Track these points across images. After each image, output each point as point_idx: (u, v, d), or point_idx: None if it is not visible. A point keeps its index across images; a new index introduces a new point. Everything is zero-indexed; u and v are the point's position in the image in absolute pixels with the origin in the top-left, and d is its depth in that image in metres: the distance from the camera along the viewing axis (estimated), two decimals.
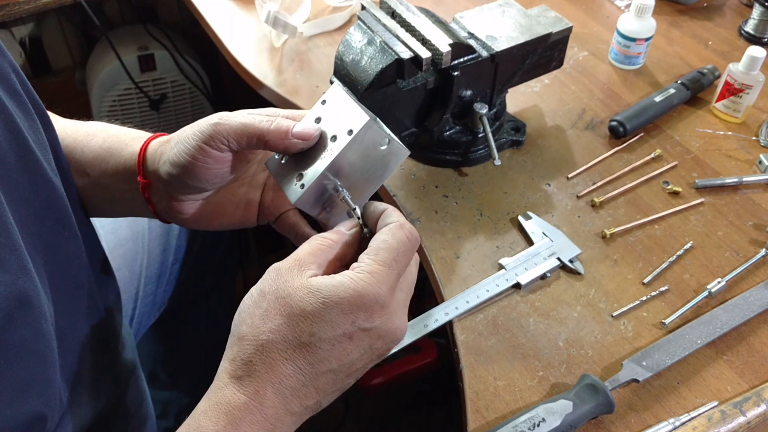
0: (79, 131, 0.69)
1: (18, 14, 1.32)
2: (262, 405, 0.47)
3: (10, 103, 0.53)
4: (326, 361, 0.48)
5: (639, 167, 0.89)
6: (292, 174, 0.56)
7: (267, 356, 0.48)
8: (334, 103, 0.56)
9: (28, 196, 0.53)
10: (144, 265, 0.99)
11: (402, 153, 0.57)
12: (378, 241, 0.51)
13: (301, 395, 0.49)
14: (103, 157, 0.66)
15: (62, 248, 0.57)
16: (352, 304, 0.48)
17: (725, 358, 0.70)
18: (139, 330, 1.00)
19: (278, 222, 0.67)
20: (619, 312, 0.73)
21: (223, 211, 0.66)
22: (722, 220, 0.83)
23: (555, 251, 0.78)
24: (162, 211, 0.65)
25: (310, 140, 0.55)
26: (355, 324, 0.48)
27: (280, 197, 0.67)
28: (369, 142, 0.54)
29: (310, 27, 1.10)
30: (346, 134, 0.54)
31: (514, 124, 0.93)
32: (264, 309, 0.49)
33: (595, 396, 0.63)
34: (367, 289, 0.48)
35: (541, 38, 0.85)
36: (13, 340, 0.47)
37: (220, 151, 0.57)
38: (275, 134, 0.55)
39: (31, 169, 0.54)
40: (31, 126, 0.56)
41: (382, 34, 0.76)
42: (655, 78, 1.03)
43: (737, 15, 1.17)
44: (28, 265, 0.49)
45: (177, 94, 1.64)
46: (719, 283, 0.75)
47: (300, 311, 0.48)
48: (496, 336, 0.71)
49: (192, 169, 0.58)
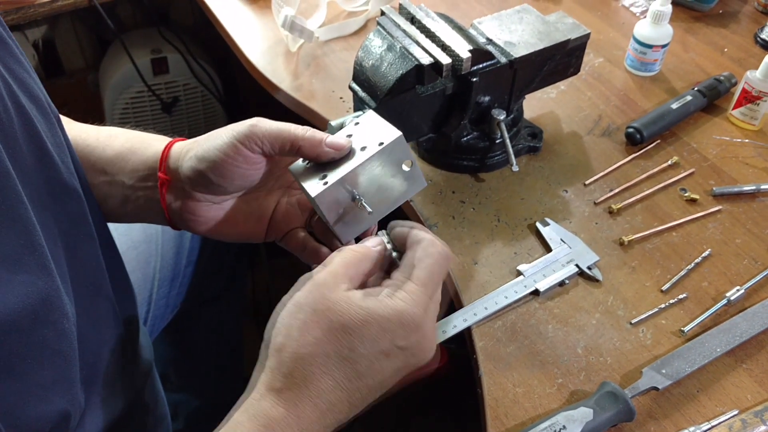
0: (101, 133, 0.70)
1: (33, 17, 1.32)
2: (300, 418, 0.48)
3: (29, 105, 0.54)
4: (364, 377, 0.49)
5: (656, 174, 0.89)
6: (315, 175, 0.58)
7: (307, 369, 0.48)
8: (367, 124, 0.59)
9: (46, 198, 0.53)
10: (158, 268, 0.99)
11: (421, 181, 0.60)
12: (413, 258, 0.52)
13: (336, 410, 0.49)
14: (124, 156, 0.67)
15: (79, 250, 0.58)
16: (391, 322, 0.49)
17: (745, 366, 0.69)
18: (152, 333, 1.00)
19: (285, 239, 0.68)
20: (637, 319, 0.73)
21: (235, 220, 0.67)
22: (740, 228, 0.83)
23: (573, 258, 0.77)
24: (175, 212, 0.65)
25: (342, 150, 0.57)
26: (393, 342, 0.49)
27: (291, 213, 0.68)
28: (395, 158, 0.57)
29: (325, 31, 1.10)
30: (376, 145, 0.56)
31: (531, 130, 0.93)
32: (302, 321, 0.49)
33: (615, 403, 0.63)
34: (406, 308, 0.49)
35: (560, 45, 0.85)
36: (37, 339, 0.47)
37: (252, 152, 0.58)
38: (309, 141, 0.57)
39: (49, 171, 0.54)
40: (49, 129, 0.56)
41: (401, 39, 0.76)
42: (671, 85, 1.03)
43: (753, 22, 1.16)
44: (50, 266, 0.49)
45: (189, 98, 1.65)
46: (738, 291, 0.75)
47: (340, 325, 0.49)
48: (514, 343, 0.71)
49: (221, 165, 0.59)
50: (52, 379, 0.49)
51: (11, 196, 0.46)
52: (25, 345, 0.46)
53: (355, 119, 0.61)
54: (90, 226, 0.60)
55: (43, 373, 0.48)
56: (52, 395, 0.49)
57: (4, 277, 0.44)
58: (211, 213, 0.65)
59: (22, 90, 0.54)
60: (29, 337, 0.46)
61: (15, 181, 0.47)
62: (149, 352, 0.82)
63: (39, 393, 0.48)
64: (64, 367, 0.51)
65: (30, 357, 0.47)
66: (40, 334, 0.47)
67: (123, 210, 0.69)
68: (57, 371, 0.50)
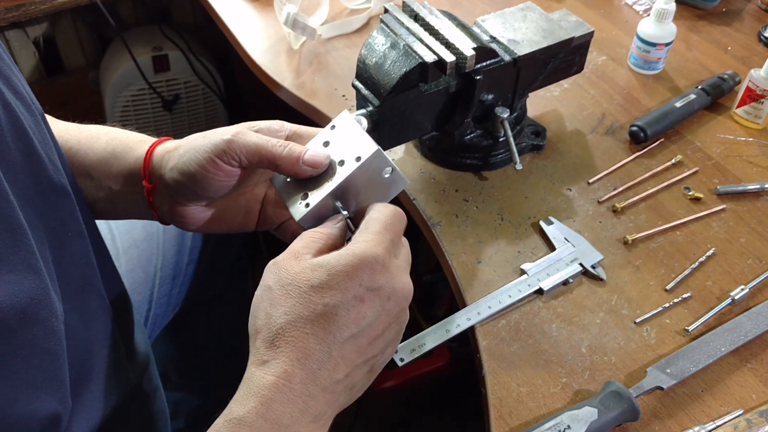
0: (81, 133, 0.69)
1: (34, 14, 1.32)
2: (291, 382, 0.48)
3: (15, 102, 0.53)
4: (345, 327, 0.50)
5: (660, 173, 0.89)
6: (297, 193, 0.58)
7: (287, 336, 0.49)
8: (343, 129, 0.59)
9: (34, 196, 0.53)
10: (159, 266, 0.99)
11: (402, 182, 0.60)
12: (366, 218, 0.54)
13: (329, 366, 0.49)
14: (107, 160, 0.67)
15: (69, 248, 0.58)
16: (354, 267, 0.50)
17: (749, 366, 0.69)
18: (153, 331, 1.00)
19: (279, 230, 0.69)
20: (641, 318, 0.73)
21: (224, 216, 0.67)
22: (744, 227, 0.82)
23: (577, 257, 0.77)
24: (164, 214, 0.66)
25: (319, 168, 0.57)
26: (362, 285, 0.50)
27: (281, 208, 0.68)
28: (374, 170, 0.57)
29: (328, 29, 1.10)
30: (354, 161, 0.56)
31: (534, 128, 0.92)
32: (272, 299, 0.51)
33: (620, 403, 0.63)
34: (365, 251, 0.50)
35: (564, 43, 0.84)
36: (26, 338, 0.47)
37: (230, 165, 0.59)
38: (287, 160, 0.57)
39: (37, 169, 0.54)
40: (35, 126, 0.56)
41: (405, 37, 0.76)
42: (674, 83, 1.03)
43: (756, 20, 1.16)
44: (38, 265, 0.49)
45: (190, 95, 1.65)
46: (742, 290, 0.74)
47: (308, 287, 0.50)
48: (518, 342, 0.70)
49: (200, 179, 0.59)
50: (42, 378, 0.49)
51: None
52: (14, 344, 0.46)
53: (331, 123, 0.60)
54: (79, 223, 0.60)
55: (32, 373, 0.48)
56: (42, 394, 0.49)
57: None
58: (200, 214, 0.66)
59: (7, 86, 0.54)
60: (18, 336, 0.46)
61: (1, 180, 0.46)
62: (145, 347, 0.82)
63: (29, 392, 0.47)
64: (53, 366, 0.50)
65: (19, 356, 0.46)
66: (29, 333, 0.47)
67: (112, 209, 0.70)
68: (46, 370, 0.50)
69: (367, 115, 0.76)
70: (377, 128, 0.77)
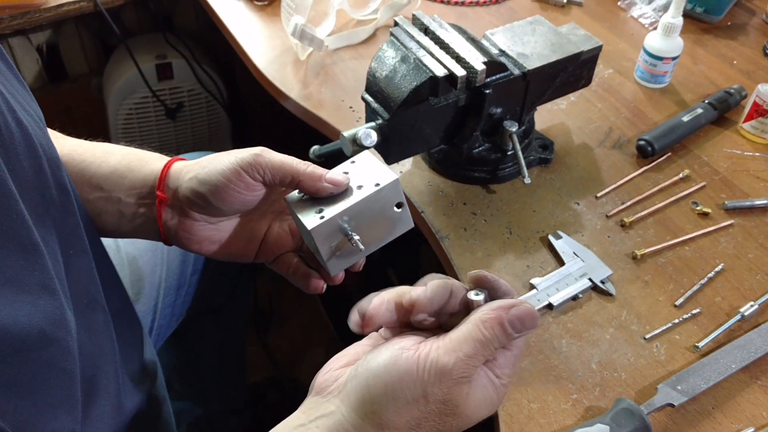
0: (97, 148, 0.70)
1: (38, 21, 1.32)
2: None
3: (28, 120, 0.53)
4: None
5: (667, 187, 0.89)
6: (311, 208, 0.60)
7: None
8: (364, 163, 0.61)
9: (43, 213, 0.53)
10: (163, 277, 0.99)
11: (407, 224, 0.62)
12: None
13: None
14: (121, 173, 0.68)
15: (74, 264, 0.58)
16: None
17: (760, 383, 0.69)
18: (157, 341, 1.00)
19: (276, 262, 0.70)
20: (651, 334, 0.72)
21: (227, 240, 0.68)
22: (752, 242, 0.82)
23: (586, 272, 0.77)
24: (170, 229, 0.67)
25: (340, 186, 0.59)
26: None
27: (282, 238, 0.69)
28: (389, 200, 0.60)
29: (334, 40, 1.10)
30: (373, 185, 0.59)
31: (542, 141, 0.92)
32: (427, 412, 0.50)
33: (632, 420, 0.63)
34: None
35: (573, 57, 0.84)
36: (46, 358, 0.47)
37: (254, 179, 0.61)
38: (310, 176, 0.60)
39: (43, 186, 0.54)
40: (46, 143, 0.56)
41: (415, 51, 0.76)
42: (681, 97, 1.03)
43: (761, 34, 1.16)
44: (53, 284, 0.49)
45: (193, 104, 1.64)
46: (752, 306, 0.74)
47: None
48: (528, 357, 0.70)
49: (221, 189, 0.61)
50: (60, 397, 0.49)
51: (12, 217, 0.46)
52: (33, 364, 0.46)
53: (351, 159, 0.62)
54: (83, 240, 0.60)
55: (51, 392, 0.48)
56: (61, 414, 0.49)
57: (10, 298, 0.44)
58: (205, 232, 0.66)
59: (19, 104, 0.53)
60: (37, 356, 0.46)
61: (17, 200, 0.46)
62: (152, 359, 0.81)
63: (49, 412, 0.47)
64: (69, 384, 0.51)
65: (39, 375, 0.46)
66: (48, 353, 0.47)
67: (117, 225, 0.70)
68: (63, 389, 0.50)
69: (377, 128, 0.76)
70: (386, 141, 0.77)
